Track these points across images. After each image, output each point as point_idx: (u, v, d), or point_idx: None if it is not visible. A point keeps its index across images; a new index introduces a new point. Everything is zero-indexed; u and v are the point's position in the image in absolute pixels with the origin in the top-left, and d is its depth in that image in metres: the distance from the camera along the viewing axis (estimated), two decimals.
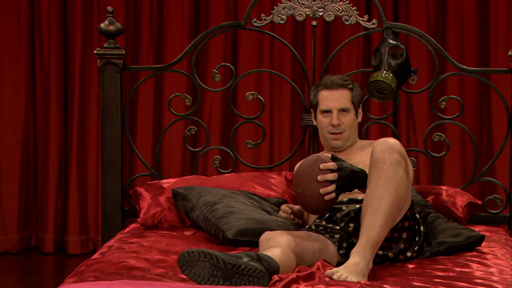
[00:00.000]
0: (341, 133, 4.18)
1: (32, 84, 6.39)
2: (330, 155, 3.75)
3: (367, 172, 3.72)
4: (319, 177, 3.66)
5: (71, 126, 6.41)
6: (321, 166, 3.67)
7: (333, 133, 4.18)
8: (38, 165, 6.44)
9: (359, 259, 3.46)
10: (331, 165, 3.67)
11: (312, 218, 4.01)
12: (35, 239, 6.51)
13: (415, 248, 3.80)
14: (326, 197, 3.66)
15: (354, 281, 3.35)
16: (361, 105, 4.28)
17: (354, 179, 3.74)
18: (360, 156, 4.11)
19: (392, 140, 3.69)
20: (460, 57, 6.11)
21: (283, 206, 4.20)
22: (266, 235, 3.68)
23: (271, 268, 3.40)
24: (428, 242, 3.93)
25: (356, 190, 3.78)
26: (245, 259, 3.36)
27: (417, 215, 3.84)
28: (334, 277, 3.37)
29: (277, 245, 3.56)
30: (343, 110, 4.18)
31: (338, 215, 3.84)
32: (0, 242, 6.42)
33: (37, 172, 6.44)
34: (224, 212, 4.13)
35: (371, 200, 3.57)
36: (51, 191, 6.44)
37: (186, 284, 3.34)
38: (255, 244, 3.83)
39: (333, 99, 4.19)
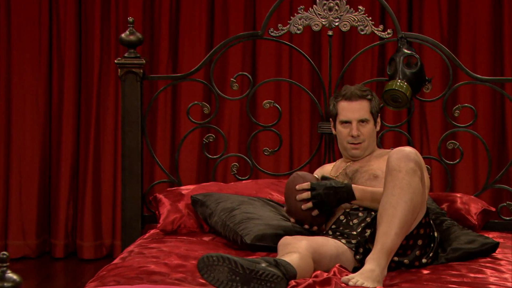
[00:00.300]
0: (360, 143, 4.17)
1: (49, 93, 6.39)
2: (320, 175, 4.03)
3: (354, 187, 3.90)
4: (297, 197, 3.92)
5: (87, 133, 6.41)
6: (297, 187, 3.94)
7: (352, 143, 4.17)
8: (53, 172, 6.45)
9: (374, 266, 3.48)
10: (305, 185, 3.92)
11: (328, 224, 4.00)
12: (49, 245, 6.51)
13: (430, 255, 3.81)
14: (312, 213, 3.91)
15: (370, 287, 3.37)
16: (379, 115, 4.26)
17: (333, 194, 3.89)
18: (377, 163, 4.10)
19: (408, 149, 3.72)
20: (472, 65, 6.09)
21: None
22: (285, 240, 3.69)
23: (288, 273, 3.39)
24: (443, 249, 3.92)
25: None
26: (263, 264, 3.36)
27: (432, 222, 3.84)
28: (350, 283, 3.38)
29: (295, 251, 3.56)
30: (362, 121, 4.16)
31: (355, 221, 3.85)
32: (19, 247, 6.41)
33: (52, 179, 6.45)
34: (242, 218, 4.13)
35: (386, 207, 3.59)
36: (63, 196, 6.45)
37: None
38: (272, 249, 3.86)
39: (353, 110, 4.16)
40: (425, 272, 3.68)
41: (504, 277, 3.60)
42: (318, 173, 4.26)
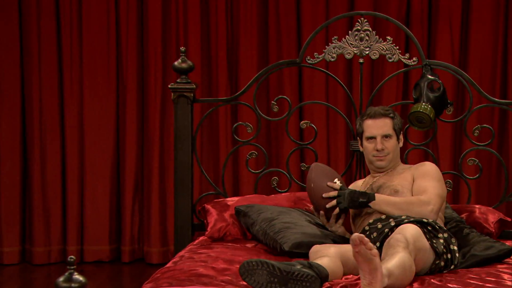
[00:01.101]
0: (385, 156, 4.17)
1: (116, 114, 6.46)
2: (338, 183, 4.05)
3: (376, 195, 3.94)
4: (324, 195, 4.02)
5: (151, 149, 6.41)
6: (328, 184, 4.02)
7: (377, 156, 4.17)
8: (122, 184, 6.47)
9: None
10: (336, 185, 4.03)
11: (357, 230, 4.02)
12: (121, 251, 6.53)
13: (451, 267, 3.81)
14: (334, 212, 4.02)
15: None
16: (402, 132, 4.26)
17: (354, 199, 3.95)
18: (398, 180, 4.11)
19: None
20: (480, 82, 6.07)
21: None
22: (315, 247, 3.71)
23: (321, 274, 3.40)
24: (463, 254, 3.90)
25: None
26: (298, 266, 3.38)
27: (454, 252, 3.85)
28: None
29: (325, 255, 3.57)
30: (386, 136, 4.17)
31: (375, 234, 3.83)
32: (94, 251, 6.46)
33: (121, 191, 6.48)
34: (280, 227, 4.13)
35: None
36: (128, 206, 6.46)
37: None
38: (308, 256, 3.82)
39: (377, 127, 4.18)
40: (446, 274, 3.69)
41: None
42: (355, 187, 4.30)
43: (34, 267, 6.33)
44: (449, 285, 3.51)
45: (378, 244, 3.72)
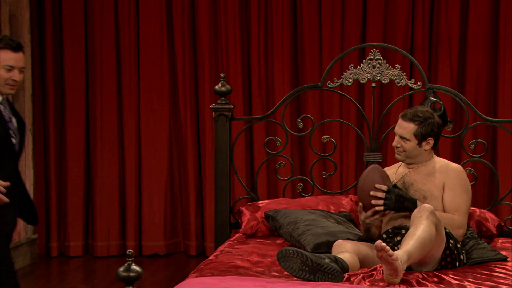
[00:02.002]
0: (400, 152, 3.97)
1: (169, 127, 6.47)
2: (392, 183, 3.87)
3: (418, 202, 3.76)
4: (371, 193, 3.81)
5: (204, 159, 6.44)
6: (376, 185, 3.80)
7: (396, 150, 4.00)
8: (181, 186, 6.46)
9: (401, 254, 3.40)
10: (384, 187, 3.80)
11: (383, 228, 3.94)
12: (180, 244, 6.54)
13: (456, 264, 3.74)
14: (377, 207, 3.80)
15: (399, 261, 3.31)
16: (430, 138, 3.94)
17: (402, 202, 3.77)
18: (429, 185, 3.93)
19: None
20: (475, 103, 6.07)
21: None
22: (338, 242, 3.69)
23: (344, 268, 3.41)
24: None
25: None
26: (327, 260, 3.38)
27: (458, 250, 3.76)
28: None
29: (346, 250, 3.57)
30: (402, 138, 3.95)
31: (398, 237, 3.74)
32: (151, 246, 6.48)
33: (181, 193, 6.46)
34: (303, 229, 4.10)
35: (409, 235, 3.53)
36: (192, 207, 6.45)
37: (278, 279, 3.37)
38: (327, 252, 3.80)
39: (399, 127, 3.96)
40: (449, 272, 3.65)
41: (510, 273, 3.58)
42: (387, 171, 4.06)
43: (96, 259, 6.37)
44: (451, 275, 3.49)
45: (399, 246, 3.59)
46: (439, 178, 3.91)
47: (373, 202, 3.81)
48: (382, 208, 3.79)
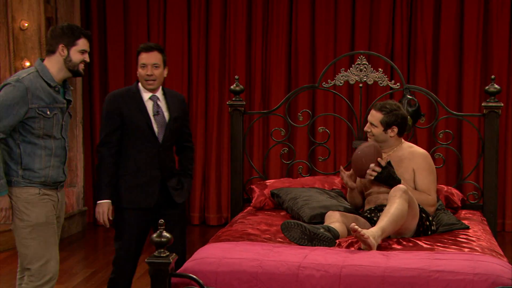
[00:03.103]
0: (371, 136, 3.91)
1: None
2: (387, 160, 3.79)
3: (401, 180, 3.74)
4: (371, 166, 3.72)
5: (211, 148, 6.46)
6: (378, 159, 3.73)
7: (367, 133, 3.96)
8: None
9: (376, 230, 3.38)
10: (383, 162, 3.73)
11: (366, 206, 3.91)
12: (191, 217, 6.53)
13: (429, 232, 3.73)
14: (368, 172, 3.72)
15: (371, 241, 3.28)
16: (395, 127, 3.85)
17: (389, 179, 3.72)
18: (401, 170, 3.84)
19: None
20: (446, 102, 6.05)
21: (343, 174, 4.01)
22: (329, 213, 3.67)
23: (335, 235, 3.40)
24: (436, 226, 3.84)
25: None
26: (322, 230, 3.38)
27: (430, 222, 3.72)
28: (362, 232, 3.28)
29: (336, 221, 3.55)
30: (371, 124, 3.89)
31: (379, 214, 3.70)
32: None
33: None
34: (302, 204, 4.05)
35: (384, 212, 3.48)
36: (197, 185, 6.47)
37: (282, 244, 3.38)
38: (321, 222, 3.78)
39: (370, 115, 3.90)
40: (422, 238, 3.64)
41: (470, 238, 3.59)
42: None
43: None
44: (423, 241, 3.50)
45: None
46: (408, 163, 3.85)
47: (368, 171, 3.73)
48: (372, 178, 3.73)
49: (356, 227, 3.25)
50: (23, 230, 3.19)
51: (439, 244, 3.43)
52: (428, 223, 3.70)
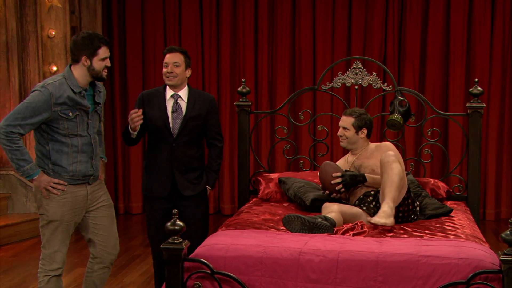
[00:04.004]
0: (343, 139, 3.95)
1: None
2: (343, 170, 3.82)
3: (366, 175, 3.73)
4: (332, 179, 3.77)
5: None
6: (333, 175, 3.76)
7: (340, 138, 3.99)
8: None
9: (386, 207, 3.40)
10: (339, 173, 3.76)
11: (353, 198, 3.90)
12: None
13: (414, 218, 3.73)
14: (337, 187, 3.75)
15: (387, 222, 3.30)
16: (364, 128, 3.91)
17: (354, 179, 3.74)
18: (372, 161, 3.86)
19: (390, 152, 3.61)
20: (433, 102, 6.02)
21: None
22: (326, 204, 3.66)
23: (332, 224, 3.39)
24: (421, 210, 3.85)
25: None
26: (319, 220, 3.37)
27: (413, 199, 3.72)
28: (372, 221, 3.32)
29: (332, 211, 3.55)
30: (344, 128, 3.93)
31: (370, 198, 3.75)
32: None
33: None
34: (304, 190, 4.10)
35: (387, 181, 3.50)
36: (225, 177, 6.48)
37: (285, 232, 3.38)
38: (319, 211, 3.82)
39: (342, 121, 3.94)
40: (410, 225, 3.64)
41: (455, 226, 3.59)
42: (339, 163, 4.04)
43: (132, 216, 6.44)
44: (413, 229, 3.49)
45: (378, 196, 3.60)
46: (377, 155, 3.85)
47: (333, 182, 3.77)
48: (342, 187, 3.76)
49: (373, 219, 3.27)
50: (40, 217, 3.29)
51: (427, 232, 3.43)
52: (412, 206, 3.71)
